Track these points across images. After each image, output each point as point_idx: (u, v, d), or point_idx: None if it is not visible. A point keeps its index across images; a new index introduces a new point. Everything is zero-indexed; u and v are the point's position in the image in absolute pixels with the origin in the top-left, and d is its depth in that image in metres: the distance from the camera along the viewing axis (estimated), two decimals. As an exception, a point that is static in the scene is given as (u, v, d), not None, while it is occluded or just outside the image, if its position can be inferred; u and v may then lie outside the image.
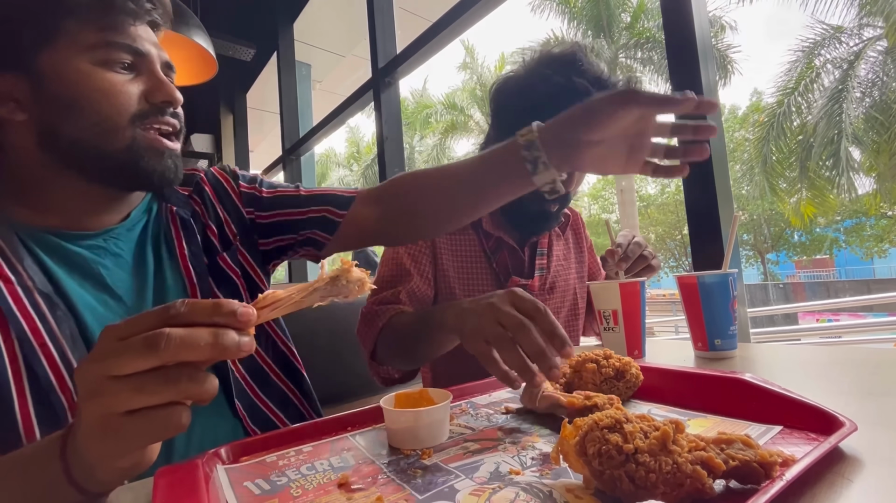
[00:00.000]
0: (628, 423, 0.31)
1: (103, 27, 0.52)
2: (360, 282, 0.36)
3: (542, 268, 1.01)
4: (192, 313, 0.30)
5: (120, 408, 0.30)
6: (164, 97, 0.56)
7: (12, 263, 0.51)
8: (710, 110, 0.51)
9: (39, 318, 0.50)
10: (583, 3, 12.48)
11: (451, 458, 0.41)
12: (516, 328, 0.47)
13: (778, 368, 0.68)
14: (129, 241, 0.61)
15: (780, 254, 24.42)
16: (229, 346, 0.30)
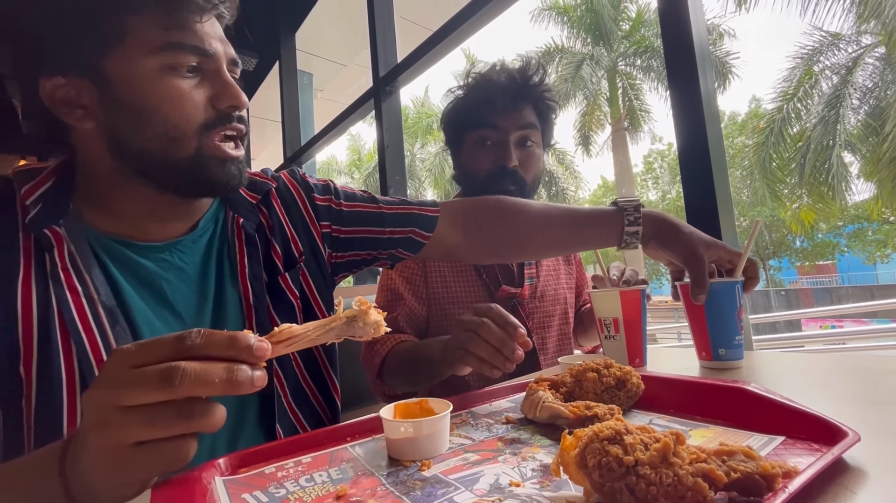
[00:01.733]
0: (629, 435, 0.31)
1: (168, 26, 0.49)
2: (377, 325, 0.37)
3: (531, 277, 1.02)
4: (208, 346, 0.31)
5: (129, 440, 0.30)
6: (231, 101, 0.53)
7: (81, 273, 0.50)
8: None
9: (100, 333, 0.49)
10: (581, 13, 12.59)
11: (451, 470, 0.40)
12: (476, 325, 0.59)
13: (780, 376, 0.68)
14: (194, 254, 0.60)
15: (782, 260, 24.35)
16: (243, 383, 0.31)
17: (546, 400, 0.50)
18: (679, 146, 1.12)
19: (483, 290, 1.00)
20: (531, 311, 1.00)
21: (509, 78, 0.95)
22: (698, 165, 1.08)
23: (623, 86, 13.61)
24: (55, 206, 0.52)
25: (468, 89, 1.00)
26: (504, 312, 0.61)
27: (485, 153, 0.97)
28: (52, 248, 0.50)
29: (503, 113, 0.94)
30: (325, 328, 0.35)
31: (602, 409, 0.46)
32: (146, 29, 0.49)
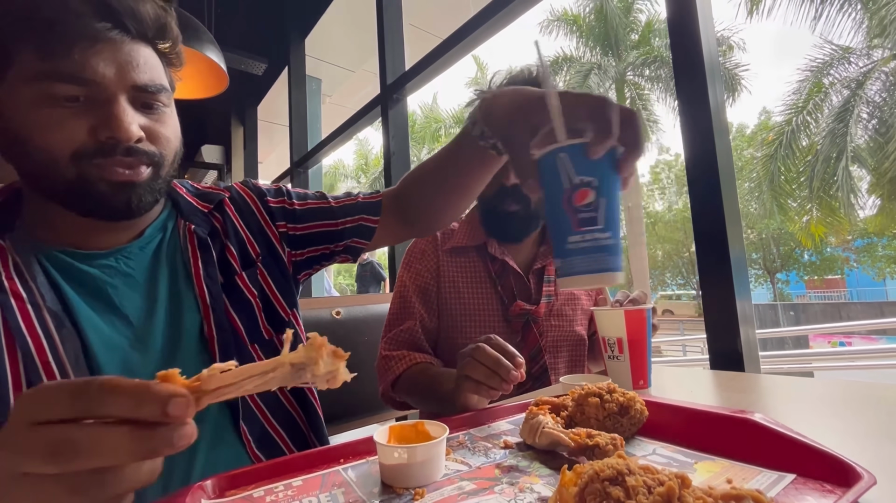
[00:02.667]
0: (631, 476, 0.29)
1: (45, 54, 0.47)
2: (331, 377, 0.30)
3: (549, 295, 0.99)
4: (111, 403, 0.25)
5: None
6: (109, 132, 0.49)
7: (26, 281, 0.51)
8: None
9: (45, 337, 0.50)
10: (591, 23, 12.63)
11: (445, 500, 0.39)
12: (472, 351, 0.62)
13: (790, 404, 0.66)
14: (141, 260, 0.60)
15: (790, 274, 24.11)
16: (157, 449, 0.26)
17: (546, 425, 0.49)
18: (687, 158, 1.11)
19: (497, 304, 0.97)
20: (545, 330, 0.97)
21: None
22: (706, 178, 1.06)
23: (631, 95, 13.60)
24: (2, 222, 0.54)
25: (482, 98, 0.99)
26: (500, 340, 0.63)
27: None
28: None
29: None
30: (264, 377, 0.28)
31: (604, 439, 0.44)
32: (26, 58, 0.47)
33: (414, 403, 0.92)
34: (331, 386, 0.30)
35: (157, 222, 0.64)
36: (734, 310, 0.99)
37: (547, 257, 1.01)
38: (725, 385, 0.78)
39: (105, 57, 0.49)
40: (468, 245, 0.99)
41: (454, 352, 0.95)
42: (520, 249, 1.02)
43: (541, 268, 1.01)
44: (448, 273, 0.98)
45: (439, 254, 1.00)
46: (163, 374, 0.27)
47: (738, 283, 1.01)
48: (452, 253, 1.00)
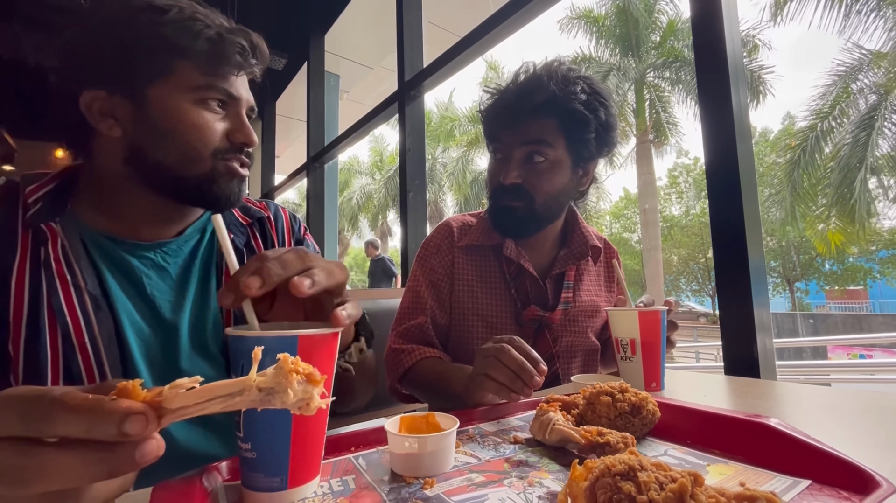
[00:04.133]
0: (643, 472, 0.29)
1: (210, 73, 0.59)
2: (303, 404, 0.27)
3: (567, 302, 0.96)
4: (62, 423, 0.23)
5: None
6: (244, 139, 0.62)
7: (71, 264, 0.56)
8: None
9: (84, 319, 0.55)
10: (611, 22, 12.47)
11: (455, 490, 0.39)
12: (497, 352, 0.61)
13: (806, 412, 0.65)
14: (178, 257, 0.66)
15: (809, 284, 23.53)
16: (116, 470, 0.24)
17: (557, 422, 0.49)
18: (707, 162, 1.09)
19: (510, 306, 0.95)
20: (559, 336, 0.95)
21: (515, 89, 0.89)
22: (727, 183, 1.04)
23: (650, 97, 13.41)
24: (54, 205, 0.58)
25: (492, 95, 0.96)
26: (524, 344, 0.63)
27: (494, 166, 0.94)
28: (46, 241, 0.56)
29: (507, 127, 0.90)
30: (230, 398, 0.26)
31: (615, 437, 0.44)
32: (190, 71, 0.58)
33: (422, 397, 0.92)
34: (303, 413, 0.27)
35: (198, 223, 0.69)
36: (751, 318, 0.98)
37: (567, 262, 0.98)
38: (740, 391, 0.77)
39: (241, 82, 0.64)
40: (484, 244, 0.98)
41: (464, 349, 0.95)
42: (538, 252, 0.99)
43: (560, 273, 0.98)
44: (462, 270, 0.97)
45: (454, 251, 0.99)
46: (121, 387, 0.25)
47: (757, 291, 0.99)
48: (468, 250, 0.99)
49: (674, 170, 25.44)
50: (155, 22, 0.56)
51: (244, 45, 0.61)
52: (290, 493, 0.37)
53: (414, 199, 2.20)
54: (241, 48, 0.60)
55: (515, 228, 0.94)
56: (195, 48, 0.57)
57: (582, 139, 0.89)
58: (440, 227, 1.03)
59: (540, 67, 0.92)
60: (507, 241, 0.97)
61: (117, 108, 0.57)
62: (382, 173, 19.86)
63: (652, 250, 13.87)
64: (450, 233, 1.01)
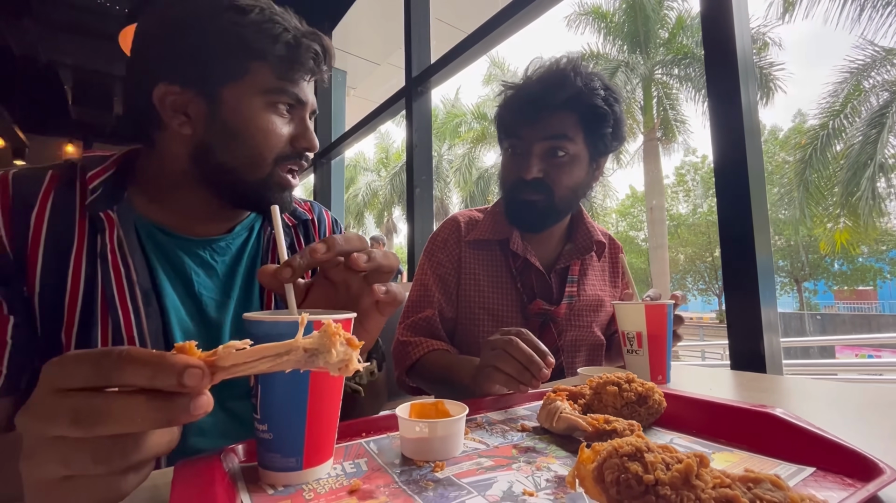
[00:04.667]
0: (650, 453, 0.30)
1: (284, 77, 0.59)
2: (343, 364, 0.29)
3: (571, 296, 0.98)
4: (129, 370, 0.26)
5: (52, 476, 0.27)
6: (307, 144, 0.63)
7: (125, 256, 0.57)
8: None
9: (134, 312, 0.55)
10: (620, 19, 12.38)
11: (464, 473, 0.40)
12: (506, 344, 0.61)
13: (811, 405, 0.65)
14: (225, 255, 0.67)
15: (818, 283, 23.30)
16: (174, 418, 0.27)
17: (564, 410, 0.50)
18: (715, 159, 1.08)
19: (516, 300, 0.96)
20: (564, 330, 0.96)
21: (538, 84, 0.90)
22: (735, 181, 1.04)
23: (658, 95, 13.31)
24: (112, 193, 0.58)
25: (509, 91, 0.96)
26: (532, 336, 0.63)
27: (511, 162, 0.95)
28: (103, 231, 0.56)
29: (526, 123, 0.90)
30: (278, 358, 0.28)
31: (622, 425, 0.45)
32: (264, 74, 0.58)
33: (429, 389, 0.94)
34: (343, 373, 0.29)
35: (246, 221, 0.70)
36: (758, 316, 0.97)
37: (571, 257, 1.00)
38: (746, 385, 0.77)
39: (308, 85, 0.63)
40: (491, 239, 0.99)
41: (471, 342, 0.96)
42: (544, 247, 1.00)
43: (564, 267, 1.00)
44: (469, 265, 0.99)
45: (461, 246, 1.00)
46: (179, 346, 0.28)
47: (764, 290, 0.99)
48: (475, 245, 1.00)
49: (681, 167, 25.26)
50: (236, 22, 0.56)
51: (317, 50, 0.61)
52: (305, 473, 0.39)
53: (421, 195, 2.21)
54: (315, 53, 0.60)
55: (534, 223, 0.96)
56: (273, 51, 0.57)
57: (600, 134, 0.91)
58: (447, 222, 1.04)
59: (564, 63, 0.92)
60: (514, 235, 0.98)
61: (190, 105, 0.57)
62: (388, 170, 19.88)
63: (658, 249, 13.79)
64: (457, 227, 1.02)
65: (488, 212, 1.04)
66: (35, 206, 0.55)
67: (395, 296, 0.47)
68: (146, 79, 0.57)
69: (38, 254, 0.53)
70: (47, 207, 0.55)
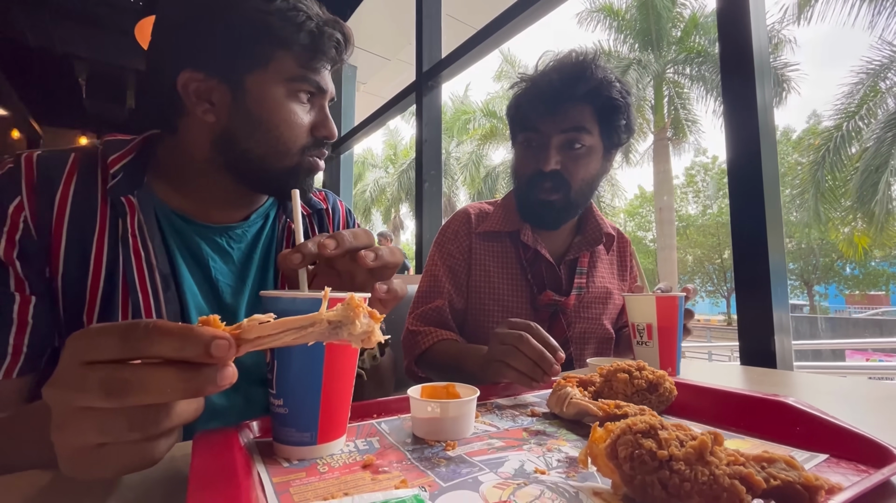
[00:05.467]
0: (663, 430, 0.30)
1: (305, 65, 0.59)
2: (367, 336, 0.29)
3: (580, 287, 0.98)
4: (158, 344, 0.26)
5: (87, 443, 0.28)
6: (326, 133, 0.63)
7: (146, 240, 0.57)
8: None
9: (153, 296, 0.56)
10: (632, 16, 12.26)
11: (476, 452, 0.41)
12: (516, 340, 0.61)
13: (823, 399, 0.65)
14: (241, 242, 0.67)
15: (829, 287, 23.00)
16: (201, 389, 0.27)
17: (574, 396, 0.50)
18: (729, 159, 1.07)
19: (526, 291, 0.97)
20: (573, 321, 0.97)
21: (557, 77, 0.90)
22: (748, 181, 1.02)
23: (670, 94, 13.18)
24: (133, 178, 0.59)
25: (524, 83, 0.96)
26: (542, 330, 0.63)
27: (527, 155, 0.95)
28: (125, 215, 0.57)
29: (545, 115, 0.90)
30: (302, 331, 0.28)
31: (633, 409, 0.45)
32: (288, 62, 0.58)
33: (437, 378, 0.94)
34: (365, 345, 0.30)
35: (262, 209, 0.71)
36: (770, 318, 0.96)
37: (581, 248, 1.00)
38: (756, 379, 0.77)
39: (328, 73, 0.64)
40: (501, 230, 0.99)
41: (481, 333, 0.96)
42: (554, 238, 1.01)
43: (573, 259, 1.00)
44: (479, 256, 0.99)
45: (472, 237, 1.00)
46: (204, 319, 0.28)
47: (777, 292, 0.98)
48: (485, 237, 1.01)
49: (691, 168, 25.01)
50: (261, 10, 0.56)
51: (339, 39, 0.61)
52: (319, 448, 0.39)
53: (430, 190, 2.21)
54: (337, 41, 0.60)
55: (551, 221, 0.96)
56: (297, 40, 0.57)
57: (615, 126, 0.91)
58: (458, 214, 1.05)
59: (581, 56, 0.92)
60: (525, 227, 0.98)
61: (214, 93, 0.57)
62: (396, 167, 19.89)
63: (667, 249, 13.69)
64: (467, 219, 1.03)
65: (499, 204, 1.05)
66: (59, 189, 0.55)
67: (395, 294, 0.48)
68: (170, 65, 0.57)
69: (61, 236, 0.54)
70: (70, 190, 0.56)
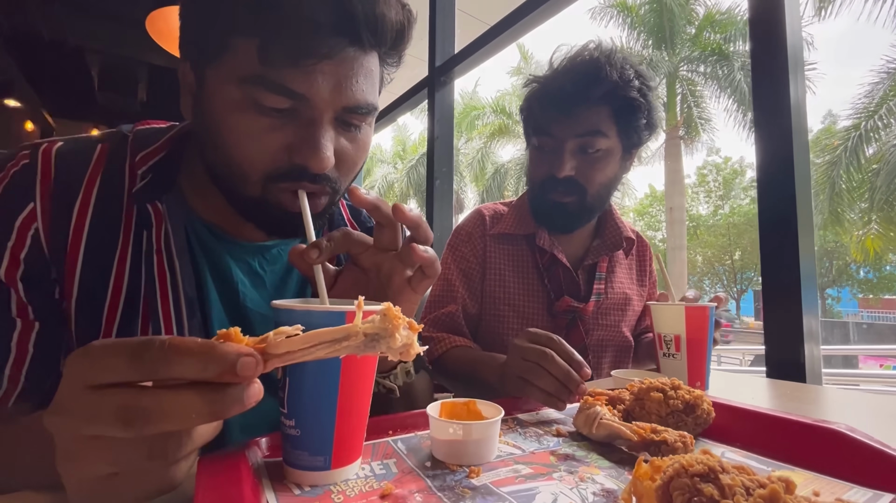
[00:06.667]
0: (725, 474, 0.27)
1: (266, 60, 0.41)
2: (405, 349, 0.27)
3: (599, 294, 0.94)
4: (176, 363, 0.23)
5: (98, 474, 0.25)
6: (303, 160, 0.44)
7: (172, 258, 0.49)
8: None
9: (177, 324, 0.48)
10: (645, 12, 12.08)
11: (503, 481, 0.37)
12: (540, 357, 0.56)
13: (867, 420, 0.60)
14: (275, 265, 0.59)
15: (842, 290, 22.63)
16: (227, 411, 0.25)
17: (604, 416, 0.46)
18: (759, 159, 1.02)
19: (543, 298, 0.93)
20: (591, 328, 0.93)
21: (570, 78, 0.85)
22: (780, 182, 0.97)
23: (683, 92, 12.98)
24: (162, 181, 0.50)
25: (538, 84, 0.91)
26: (567, 346, 0.58)
27: (540, 160, 0.90)
28: (150, 226, 0.49)
29: (559, 119, 0.86)
30: (335, 344, 0.26)
31: (672, 436, 0.41)
32: (244, 54, 0.41)
33: (449, 386, 0.91)
34: (404, 358, 0.28)
35: None
36: (800, 324, 0.92)
37: (600, 253, 0.96)
38: (789, 395, 0.73)
39: (326, 72, 0.42)
40: (517, 233, 0.96)
41: (495, 339, 0.93)
42: (571, 242, 0.97)
43: (592, 264, 0.96)
44: (494, 259, 0.95)
45: (486, 239, 0.97)
46: (224, 333, 0.26)
47: (807, 298, 0.93)
48: (499, 239, 0.97)
49: (703, 167, 24.71)
50: None
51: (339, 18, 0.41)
52: (333, 474, 0.36)
53: (441, 187, 2.18)
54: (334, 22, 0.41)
55: (566, 225, 0.93)
56: (259, 24, 0.40)
57: (634, 126, 0.86)
58: (472, 215, 1.02)
59: (597, 52, 0.86)
60: (541, 230, 0.94)
61: (191, 81, 0.47)
62: (405, 162, 19.86)
63: (677, 250, 13.54)
64: (482, 221, 0.99)
65: (513, 205, 1.01)
66: (79, 194, 0.47)
67: (433, 260, 0.43)
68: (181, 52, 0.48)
69: (78, 252, 0.47)
70: (93, 195, 0.48)
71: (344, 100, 0.44)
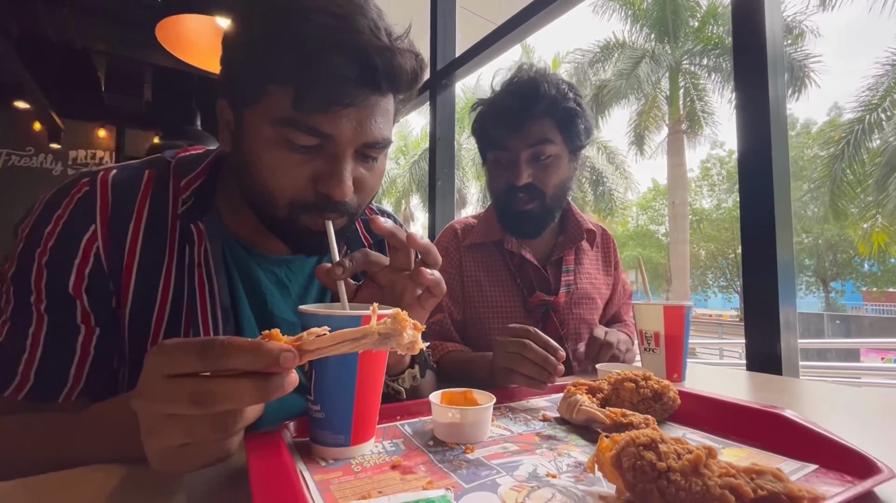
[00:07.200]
0: (663, 444, 0.34)
1: (299, 106, 0.47)
2: (411, 345, 0.34)
3: (568, 285, 1.04)
4: (234, 359, 0.31)
5: (174, 444, 0.33)
6: (328, 190, 0.51)
7: (210, 271, 0.56)
8: None
9: (213, 330, 0.55)
10: (648, 6, 12.02)
11: (493, 456, 0.45)
12: (520, 347, 0.66)
13: (824, 408, 0.67)
14: (300, 275, 0.66)
15: (846, 284, 22.58)
16: (272, 394, 0.32)
17: (583, 403, 0.54)
18: (739, 151, 1.07)
19: (518, 296, 1.03)
20: (565, 319, 1.02)
21: (516, 96, 0.97)
22: (758, 175, 1.03)
23: (686, 85, 12.95)
24: (202, 203, 0.58)
25: (484, 106, 1.03)
26: (542, 335, 0.68)
27: (499, 172, 1.01)
28: (193, 244, 0.56)
29: (511, 133, 0.97)
30: (356, 342, 0.33)
31: (638, 418, 0.48)
32: (279, 100, 0.48)
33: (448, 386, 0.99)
34: (410, 352, 0.35)
35: None
36: (776, 317, 0.98)
37: (564, 247, 1.06)
38: (761, 386, 0.80)
39: (350, 116, 0.49)
40: (487, 241, 1.06)
41: (480, 339, 1.02)
42: (537, 242, 1.07)
43: (558, 259, 1.06)
44: (470, 268, 1.05)
45: (461, 251, 1.06)
46: (267, 333, 0.33)
47: (784, 289, 1.00)
48: (472, 249, 1.06)
49: (706, 161, 24.60)
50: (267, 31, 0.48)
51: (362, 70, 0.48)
52: (352, 449, 0.44)
53: (443, 188, 2.24)
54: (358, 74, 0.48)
55: (532, 230, 1.02)
56: (294, 76, 0.47)
57: (575, 131, 0.98)
58: (446, 231, 1.12)
59: (533, 73, 0.99)
60: (507, 235, 1.04)
61: (229, 122, 0.55)
62: (407, 158, 19.88)
63: (679, 244, 13.55)
64: (455, 234, 1.09)
65: (481, 217, 1.11)
66: (132, 217, 0.55)
67: (439, 282, 0.52)
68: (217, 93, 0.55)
69: (132, 268, 0.54)
70: (143, 217, 0.55)
71: (364, 137, 0.51)
